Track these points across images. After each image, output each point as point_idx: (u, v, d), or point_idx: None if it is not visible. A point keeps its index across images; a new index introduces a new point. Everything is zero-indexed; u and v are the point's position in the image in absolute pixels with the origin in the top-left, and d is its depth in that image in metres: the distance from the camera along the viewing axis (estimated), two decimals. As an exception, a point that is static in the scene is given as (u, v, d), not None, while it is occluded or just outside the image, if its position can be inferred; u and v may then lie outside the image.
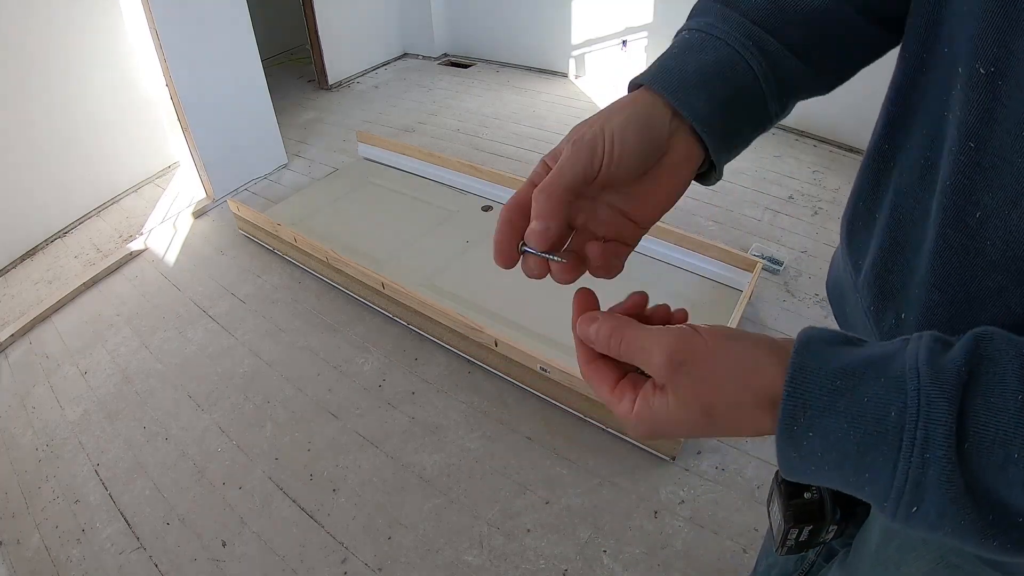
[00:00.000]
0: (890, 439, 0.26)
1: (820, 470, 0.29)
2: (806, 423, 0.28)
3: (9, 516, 1.61)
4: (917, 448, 0.25)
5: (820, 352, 0.29)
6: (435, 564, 1.41)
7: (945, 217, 0.34)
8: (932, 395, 0.25)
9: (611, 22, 3.86)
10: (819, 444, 0.28)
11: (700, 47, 0.39)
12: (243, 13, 2.81)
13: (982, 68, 0.31)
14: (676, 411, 0.32)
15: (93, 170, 2.91)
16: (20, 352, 2.17)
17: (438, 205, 2.72)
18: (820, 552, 0.79)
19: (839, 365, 0.28)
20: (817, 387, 0.28)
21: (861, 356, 0.29)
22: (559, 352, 1.87)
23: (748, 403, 0.31)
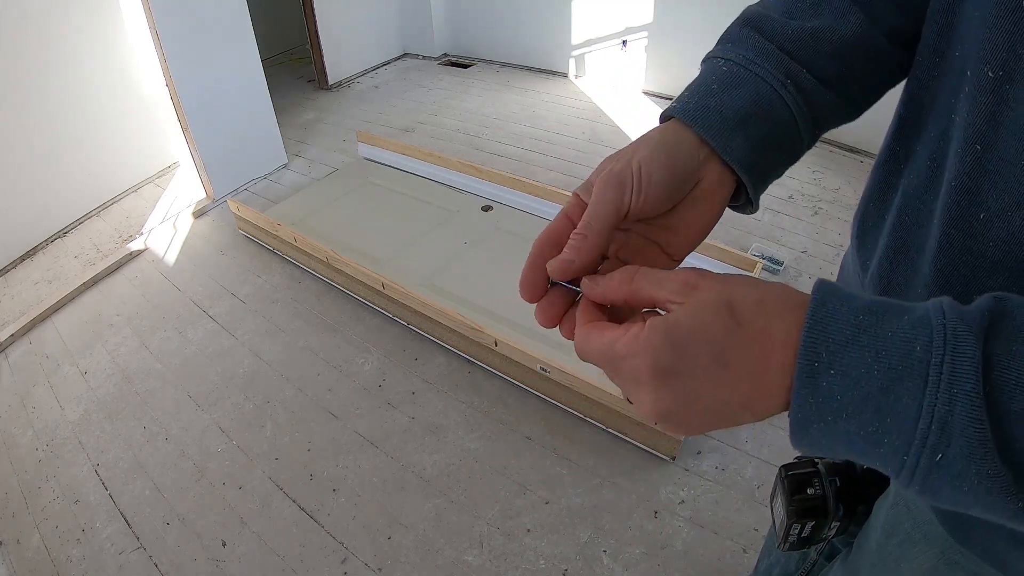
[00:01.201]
0: (915, 374, 0.25)
1: (837, 419, 0.26)
2: (827, 358, 0.26)
3: (9, 516, 1.61)
4: (944, 382, 0.24)
5: (842, 292, 0.28)
6: (435, 564, 1.41)
7: (949, 218, 0.34)
8: (959, 329, 0.24)
9: (611, 22, 3.86)
10: (840, 383, 0.26)
11: (739, 83, 0.39)
12: (243, 13, 2.81)
13: (990, 72, 0.31)
14: (698, 314, 0.28)
15: (93, 170, 2.91)
16: (20, 352, 2.17)
17: (438, 205, 2.72)
18: (822, 551, 0.79)
19: (863, 303, 0.27)
20: (840, 321, 0.26)
21: (883, 300, 0.27)
22: (559, 352, 1.87)
23: (762, 347, 0.28)
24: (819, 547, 0.76)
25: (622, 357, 0.30)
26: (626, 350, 0.30)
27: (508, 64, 4.57)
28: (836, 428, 0.27)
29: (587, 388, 1.62)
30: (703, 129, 0.37)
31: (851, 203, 2.64)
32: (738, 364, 0.28)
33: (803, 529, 0.50)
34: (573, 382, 1.64)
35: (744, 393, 0.28)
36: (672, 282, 0.30)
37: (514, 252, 2.39)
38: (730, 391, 0.29)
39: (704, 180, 0.37)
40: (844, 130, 2.14)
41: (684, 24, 3.55)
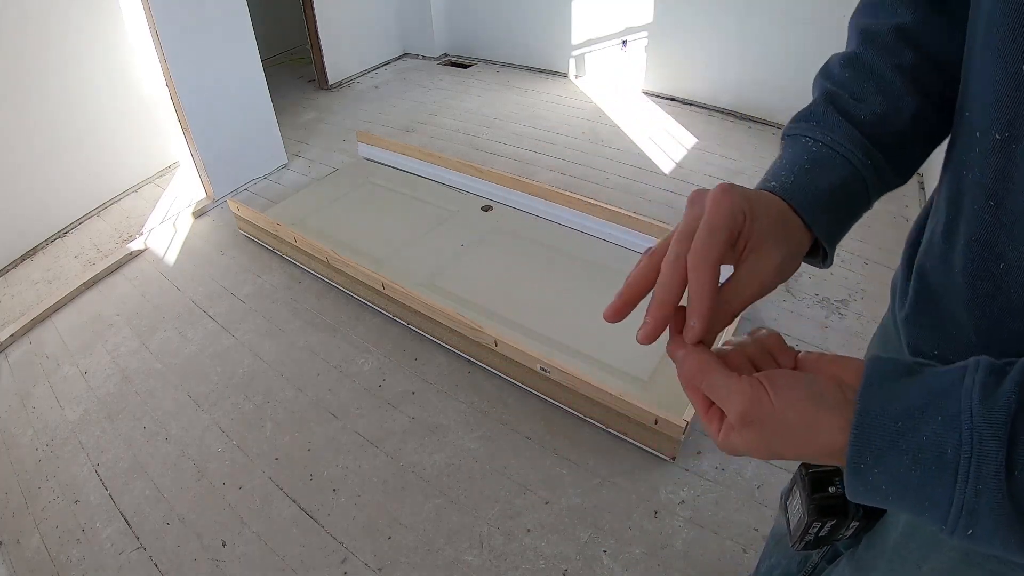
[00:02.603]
0: (947, 473, 0.29)
1: (885, 498, 0.32)
2: (872, 461, 0.32)
3: (9, 516, 1.61)
4: (971, 481, 0.28)
5: (883, 391, 0.32)
6: (435, 564, 1.41)
7: (974, 269, 0.38)
8: (984, 433, 0.28)
9: (611, 22, 3.86)
10: (884, 478, 0.32)
11: (829, 165, 0.45)
12: (243, 13, 2.81)
13: (997, 134, 0.34)
14: (750, 449, 0.36)
15: (93, 170, 2.91)
16: (20, 352, 2.17)
17: (438, 205, 2.72)
18: (825, 554, 0.79)
19: (902, 407, 0.31)
20: (881, 429, 0.31)
21: (922, 392, 0.31)
22: (559, 352, 1.87)
23: (810, 452, 0.35)
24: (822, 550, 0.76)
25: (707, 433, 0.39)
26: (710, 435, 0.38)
27: (508, 64, 4.57)
28: (884, 502, 0.33)
29: (587, 388, 1.62)
30: (801, 207, 0.43)
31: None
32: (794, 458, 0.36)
33: (822, 528, 0.49)
34: (573, 382, 1.64)
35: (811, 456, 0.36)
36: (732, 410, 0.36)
37: (514, 252, 2.39)
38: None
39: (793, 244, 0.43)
40: (844, 130, 2.03)
41: (684, 24, 3.55)
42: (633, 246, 2.34)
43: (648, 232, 2.29)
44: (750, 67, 3.39)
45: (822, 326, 2.01)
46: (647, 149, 3.24)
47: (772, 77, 3.33)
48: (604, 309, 0.39)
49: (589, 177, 3.00)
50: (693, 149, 3.21)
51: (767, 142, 3.24)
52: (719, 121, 3.51)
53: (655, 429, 1.55)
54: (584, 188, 2.88)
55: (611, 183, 2.94)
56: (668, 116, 3.60)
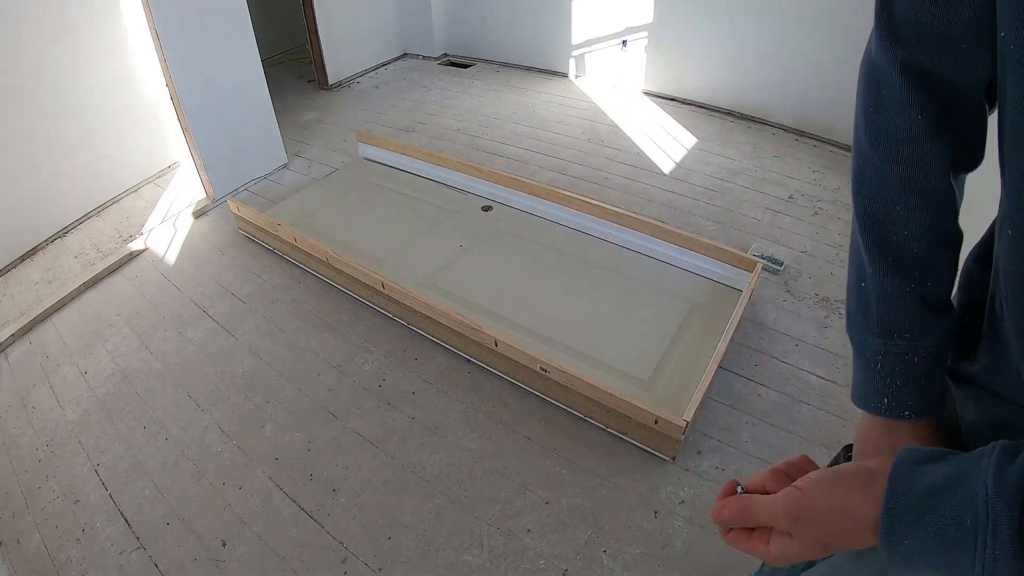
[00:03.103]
0: (968, 542, 0.34)
1: (917, 567, 0.37)
2: (901, 534, 0.36)
3: (9, 516, 1.61)
4: (989, 548, 0.33)
5: (907, 476, 0.38)
6: (435, 564, 1.41)
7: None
8: (997, 506, 0.33)
9: (611, 22, 3.86)
10: (913, 548, 0.36)
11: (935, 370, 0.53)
12: (243, 13, 2.81)
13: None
14: (801, 550, 0.42)
15: (93, 170, 2.91)
16: (20, 352, 2.17)
17: (438, 205, 2.72)
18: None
19: (927, 485, 0.36)
20: (908, 506, 0.36)
21: (945, 473, 0.36)
22: (559, 352, 1.87)
23: (850, 531, 0.40)
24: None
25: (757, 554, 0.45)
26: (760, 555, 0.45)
27: (508, 64, 4.57)
28: (916, 567, 0.37)
29: (587, 388, 1.62)
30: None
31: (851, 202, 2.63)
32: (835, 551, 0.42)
33: None
34: (573, 382, 1.64)
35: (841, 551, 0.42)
36: (781, 518, 0.42)
37: (514, 252, 2.39)
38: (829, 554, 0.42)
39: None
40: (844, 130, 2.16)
41: (684, 24, 3.55)
42: (633, 246, 2.34)
43: (648, 232, 2.29)
44: (750, 67, 3.39)
45: (822, 326, 2.01)
46: (647, 149, 3.24)
47: (772, 77, 3.33)
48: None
49: (589, 177, 3.00)
50: (693, 149, 3.21)
51: (766, 142, 3.25)
52: (719, 121, 3.52)
53: (655, 429, 1.55)
54: (584, 188, 2.88)
55: (611, 183, 2.94)
56: (668, 116, 3.60)
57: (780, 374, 1.84)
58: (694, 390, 1.64)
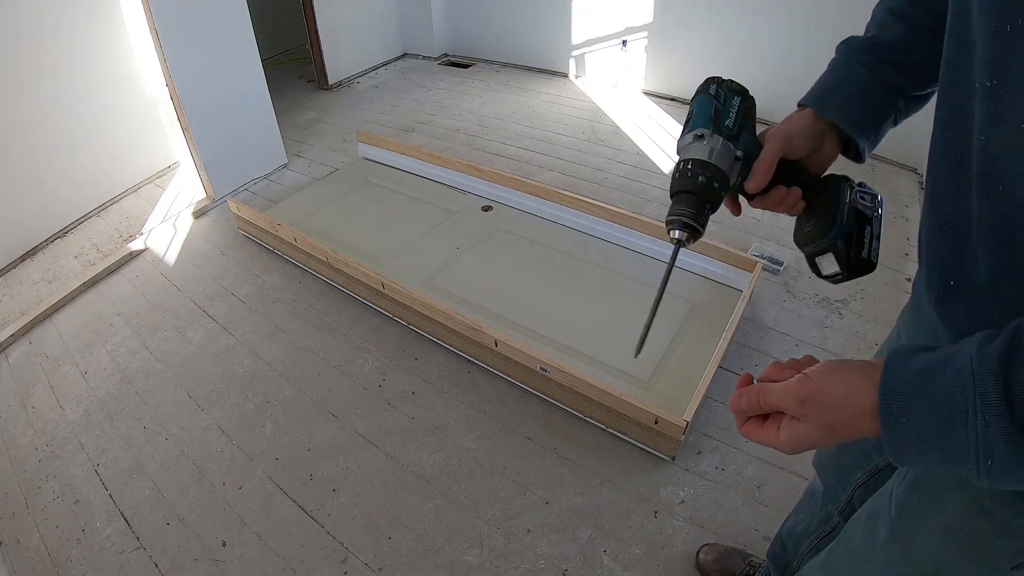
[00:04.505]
0: (960, 413, 0.36)
1: (918, 450, 0.39)
2: (898, 412, 0.39)
3: (9, 516, 1.61)
4: (980, 414, 0.35)
5: (902, 361, 0.40)
6: (435, 564, 1.41)
7: (979, 191, 0.45)
8: (982, 373, 0.35)
9: (611, 22, 3.86)
10: (912, 427, 0.38)
11: (829, 73, 0.65)
12: (243, 13, 2.81)
13: (987, 81, 0.40)
14: (809, 432, 0.45)
15: (93, 170, 2.91)
16: (20, 352, 2.17)
17: (438, 205, 2.72)
18: (843, 511, 0.89)
19: (919, 366, 0.39)
20: (902, 386, 0.39)
21: (933, 358, 0.39)
22: (559, 352, 1.87)
23: (855, 414, 0.42)
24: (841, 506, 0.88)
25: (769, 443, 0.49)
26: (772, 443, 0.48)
27: (508, 64, 4.57)
28: (919, 455, 0.39)
29: (587, 388, 1.62)
30: (810, 102, 0.63)
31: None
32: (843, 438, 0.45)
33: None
34: (573, 382, 1.64)
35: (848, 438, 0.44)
36: (791, 401, 0.46)
37: (514, 252, 2.39)
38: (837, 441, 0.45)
39: (826, 141, 0.63)
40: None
41: (684, 24, 3.55)
42: (633, 246, 2.34)
43: (648, 232, 2.29)
44: (750, 67, 3.39)
45: (822, 326, 2.01)
46: (647, 149, 3.24)
47: (772, 77, 3.33)
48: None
49: (589, 177, 3.00)
50: (693, 149, 3.20)
51: (767, 142, 3.24)
52: (719, 121, 3.51)
53: (655, 429, 1.55)
54: (584, 188, 2.88)
55: (611, 183, 2.94)
56: (668, 116, 3.60)
57: (780, 374, 1.84)
58: (694, 390, 1.64)
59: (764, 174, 0.59)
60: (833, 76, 0.63)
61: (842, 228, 0.57)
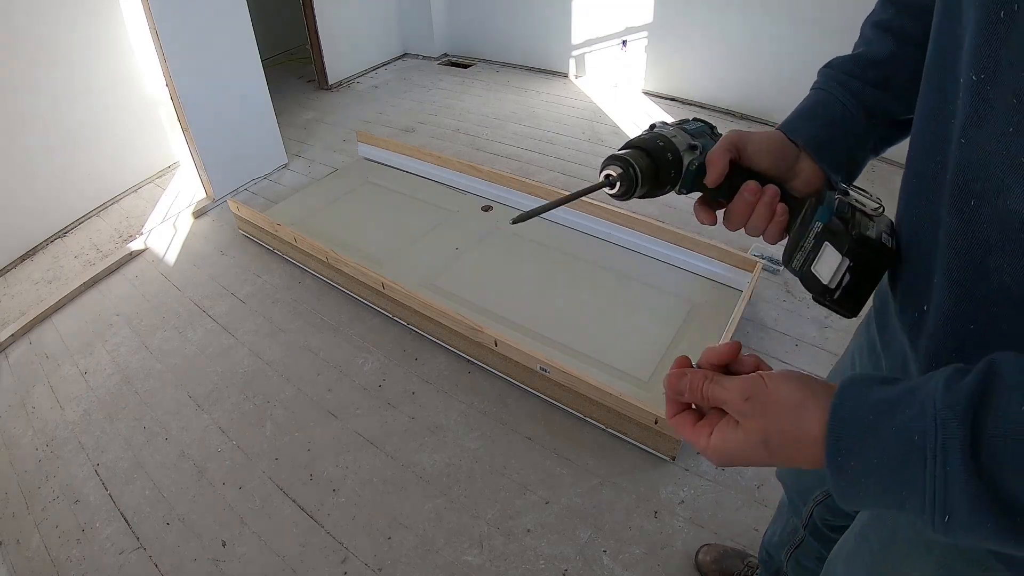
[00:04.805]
0: (917, 458, 0.31)
1: (867, 492, 0.34)
2: (847, 451, 0.34)
3: (9, 516, 1.61)
4: (939, 463, 0.30)
5: (858, 390, 0.35)
6: (435, 564, 1.41)
7: (952, 206, 0.39)
8: (946, 417, 0.30)
9: (611, 22, 3.86)
10: (860, 468, 0.34)
11: (807, 98, 0.60)
12: (243, 13, 2.81)
13: (974, 75, 0.36)
14: (741, 440, 0.39)
15: (93, 170, 2.91)
16: (20, 352, 2.17)
17: (438, 205, 2.72)
18: (806, 525, 0.87)
19: (874, 401, 0.34)
20: (855, 420, 0.34)
21: (892, 392, 0.34)
22: (559, 352, 1.87)
23: (796, 436, 0.37)
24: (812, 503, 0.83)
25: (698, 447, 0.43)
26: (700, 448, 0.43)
27: (508, 64, 4.57)
28: (868, 497, 0.35)
29: (587, 388, 1.62)
30: (780, 126, 0.58)
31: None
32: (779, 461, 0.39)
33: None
34: (573, 382, 1.64)
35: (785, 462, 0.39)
36: (735, 393, 0.40)
37: (514, 252, 2.39)
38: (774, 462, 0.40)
39: (803, 165, 0.57)
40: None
41: (684, 24, 3.55)
42: (632, 246, 2.34)
43: (647, 232, 2.29)
44: (750, 67, 3.39)
45: (822, 326, 2.01)
46: (647, 149, 3.24)
47: (772, 77, 3.33)
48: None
49: (589, 177, 2.99)
50: (693, 149, 3.21)
51: (767, 142, 3.24)
52: (719, 121, 3.51)
53: (655, 429, 1.55)
54: (584, 188, 2.87)
55: (611, 183, 2.93)
56: (668, 116, 3.60)
57: (780, 374, 1.84)
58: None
59: (720, 152, 0.53)
60: (810, 100, 0.59)
61: (831, 208, 0.48)
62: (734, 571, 1.29)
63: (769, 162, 0.55)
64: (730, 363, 0.46)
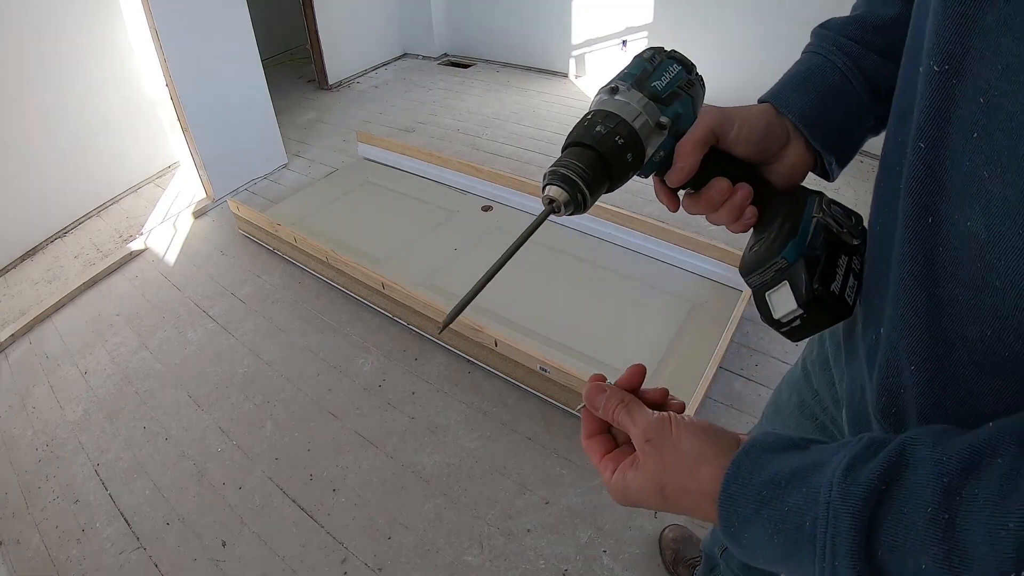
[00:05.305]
0: (806, 545, 0.29)
1: (765, 562, 0.32)
2: (739, 526, 0.32)
3: (9, 516, 1.61)
4: (828, 555, 0.28)
5: (757, 460, 0.33)
6: (435, 564, 1.41)
7: (905, 223, 0.33)
8: (839, 510, 0.27)
9: (611, 22, 3.86)
10: (753, 543, 0.32)
11: (799, 62, 0.51)
12: (243, 13, 2.81)
13: (936, 66, 0.30)
14: (639, 483, 0.37)
15: (93, 170, 2.91)
16: (20, 352, 2.17)
17: (438, 205, 2.72)
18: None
19: (770, 474, 0.31)
20: (746, 496, 0.32)
21: (794, 464, 0.31)
22: (559, 352, 1.87)
23: (692, 491, 0.35)
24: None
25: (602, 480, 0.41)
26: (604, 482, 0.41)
27: (508, 64, 4.57)
28: (766, 564, 0.33)
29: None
30: (768, 97, 0.48)
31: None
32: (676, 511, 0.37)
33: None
34: (573, 382, 1.64)
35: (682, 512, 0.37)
36: (637, 429, 0.39)
37: (514, 252, 2.38)
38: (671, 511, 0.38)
39: (791, 148, 0.47)
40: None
41: (684, 24, 3.55)
42: (632, 246, 2.34)
43: (647, 232, 2.29)
44: (750, 67, 3.39)
45: (822, 326, 2.01)
46: (647, 149, 3.24)
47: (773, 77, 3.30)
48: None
49: (589, 177, 2.99)
50: (693, 149, 3.21)
51: (767, 142, 3.24)
52: (719, 121, 3.51)
53: (655, 429, 1.54)
54: (584, 188, 2.87)
55: (611, 183, 2.93)
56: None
57: (780, 374, 1.84)
58: (694, 390, 1.64)
59: (693, 145, 0.43)
60: (803, 65, 0.50)
61: (803, 243, 0.41)
62: (688, 556, 1.32)
63: (751, 150, 0.46)
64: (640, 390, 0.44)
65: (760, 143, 0.46)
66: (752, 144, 0.46)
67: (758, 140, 0.46)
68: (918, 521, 0.25)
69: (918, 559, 0.25)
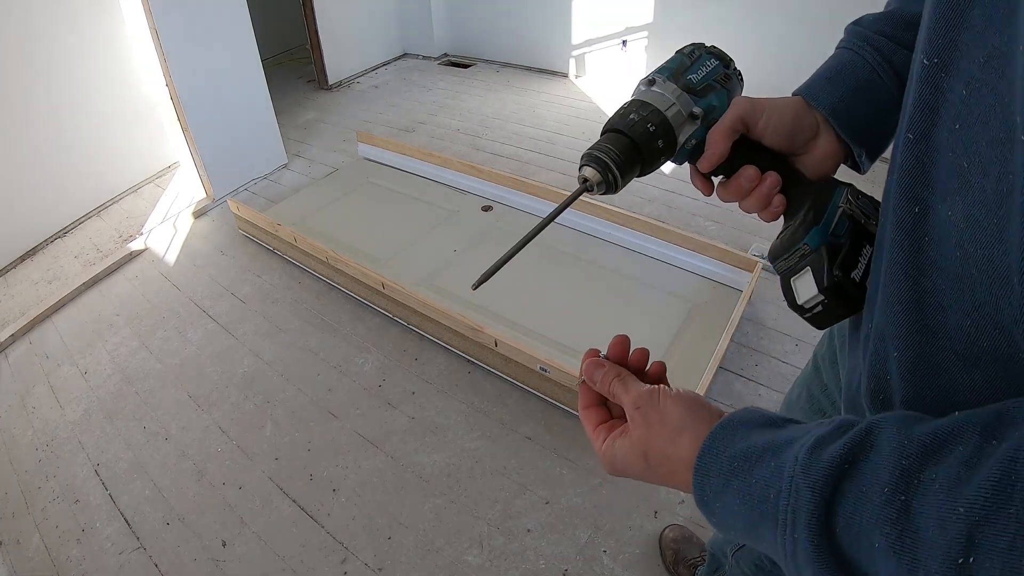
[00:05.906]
0: (770, 517, 0.30)
1: (735, 531, 0.34)
2: (711, 495, 0.34)
3: (9, 516, 1.61)
4: (789, 527, 0.29)
5: (733, 433, 0.34)
6: (435, 564, 1.41)
7: (894, 212, 0.35)
8: (800, 484, 0.29)
9: (611, 22, 3.86)
10: (724, 513, 0.33)
11: (832, 57, 0.51)
12: (243, 13, 2.81)
13: (927, 59, 0.31)
14: (626, 449, 0.39)
15: (93, 170, 2.91)
16: (20, 352, 2.17)
17: (438, 205, 2.72)
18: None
19: (744, 447, 0.33)
20: (719, 466, 0.33)
21: (768, 440, 0.32)
22: (559, 352, 1.87)
23: (672, 457, 0.36)
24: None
25: (595, 450, 0.43)
26: (596, 451, 0.43)
27: (508, 64, 4.57)
28: (736, 534, 0.34)
29: (587, 388, 1.61)
30: (800, 89, 0.50)
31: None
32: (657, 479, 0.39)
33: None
34: (573, 382, 1.64)
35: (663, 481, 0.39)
36: (628, 399, 0.41)
37: (514, 252, 2.39)
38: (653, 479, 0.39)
39: (821, 140, 0.48)
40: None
41: (684, 24, 3.55)
42: (632, 246, 2.34)
43: (647, 232, 2.29)
44: (751, 66, 3.37)
45: (822, 326, 2.01)
46: (647, 149, 3.24)
47: (773, 77, 3.33)
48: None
49: (589, 177, 2.99)
50: (693, 149, 3.21)
51: (767, 142, 3.24)
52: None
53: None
54: (584, 188, 2.87)
55: (611, 183, 2.93)
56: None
57: (780, 374, 1.84)
58: (694, 390, 1.64)
59: (722, 132, 0.46)
60: (835, 61, 0.51)
61: (826, 230, 0.43)
62: (688, 556, 1.32)
63: (781, 141, 0.48)
64: (636, 365, 0.47)
65: (789, 134, 0.48)
66: (781, 134, 0.47)
67: (787, 131, 0.47)
68: (875, 500, 0.26)
69: (872, 537, 0.26)
